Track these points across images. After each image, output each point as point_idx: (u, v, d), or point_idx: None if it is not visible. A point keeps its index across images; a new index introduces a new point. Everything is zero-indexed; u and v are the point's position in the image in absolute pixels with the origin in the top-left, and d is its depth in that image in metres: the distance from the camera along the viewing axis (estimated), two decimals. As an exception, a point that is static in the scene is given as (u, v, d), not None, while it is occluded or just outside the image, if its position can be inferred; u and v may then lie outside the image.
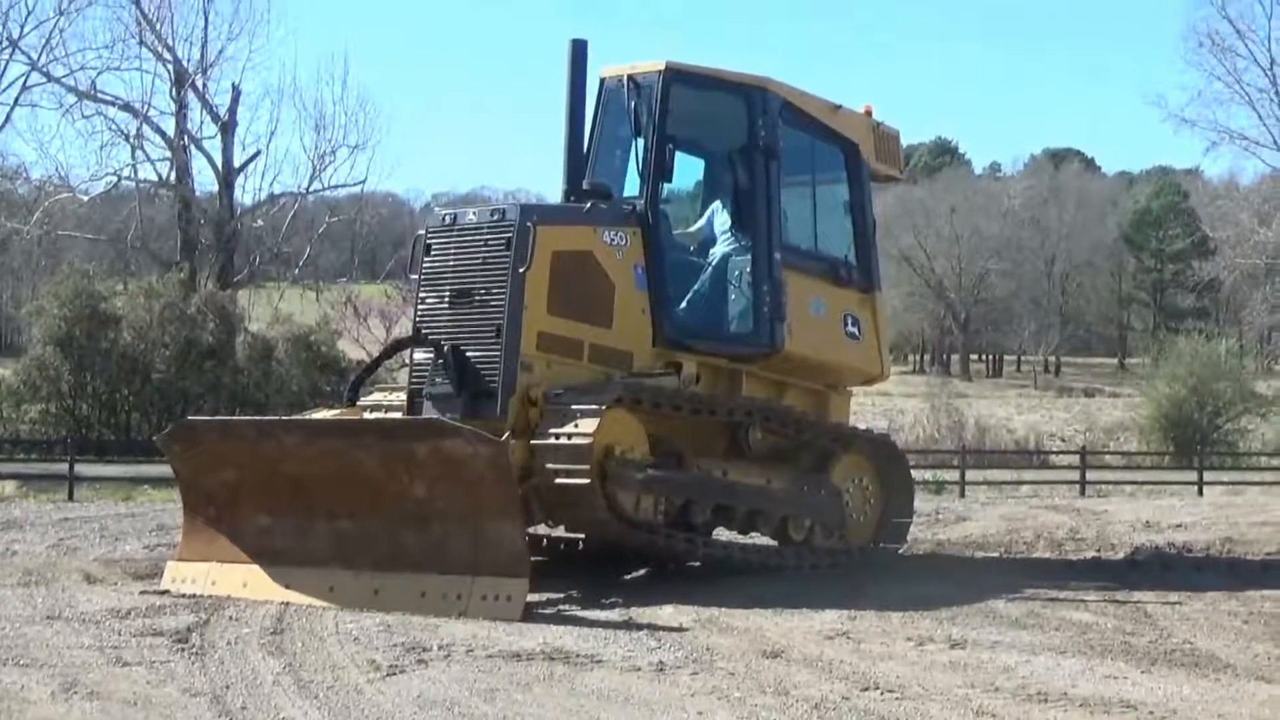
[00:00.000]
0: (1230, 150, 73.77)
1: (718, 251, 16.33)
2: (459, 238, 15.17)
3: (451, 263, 15.14)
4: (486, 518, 13.17)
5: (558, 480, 14.07)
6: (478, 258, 14.97)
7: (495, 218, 15.02)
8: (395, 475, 13.64)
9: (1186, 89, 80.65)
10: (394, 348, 16.62)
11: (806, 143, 17.02)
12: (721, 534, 16.17)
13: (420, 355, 15.16)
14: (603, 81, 16.49)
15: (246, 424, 16.78)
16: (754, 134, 16.26)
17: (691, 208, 17.41)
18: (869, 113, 17.66)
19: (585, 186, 15.79)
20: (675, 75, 16.06)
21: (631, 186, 16.25)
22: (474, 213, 15.36)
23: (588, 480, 14.04)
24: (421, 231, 15.77)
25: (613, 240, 15.45)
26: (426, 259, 15.33)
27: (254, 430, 15.23)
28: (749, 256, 16.15)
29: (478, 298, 14.87)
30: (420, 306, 15.38)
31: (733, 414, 15.85)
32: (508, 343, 14.61)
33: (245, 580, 14.09)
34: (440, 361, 14.78)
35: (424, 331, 15.07)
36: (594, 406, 14.23)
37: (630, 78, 16.18)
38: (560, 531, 16.40)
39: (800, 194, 17.18)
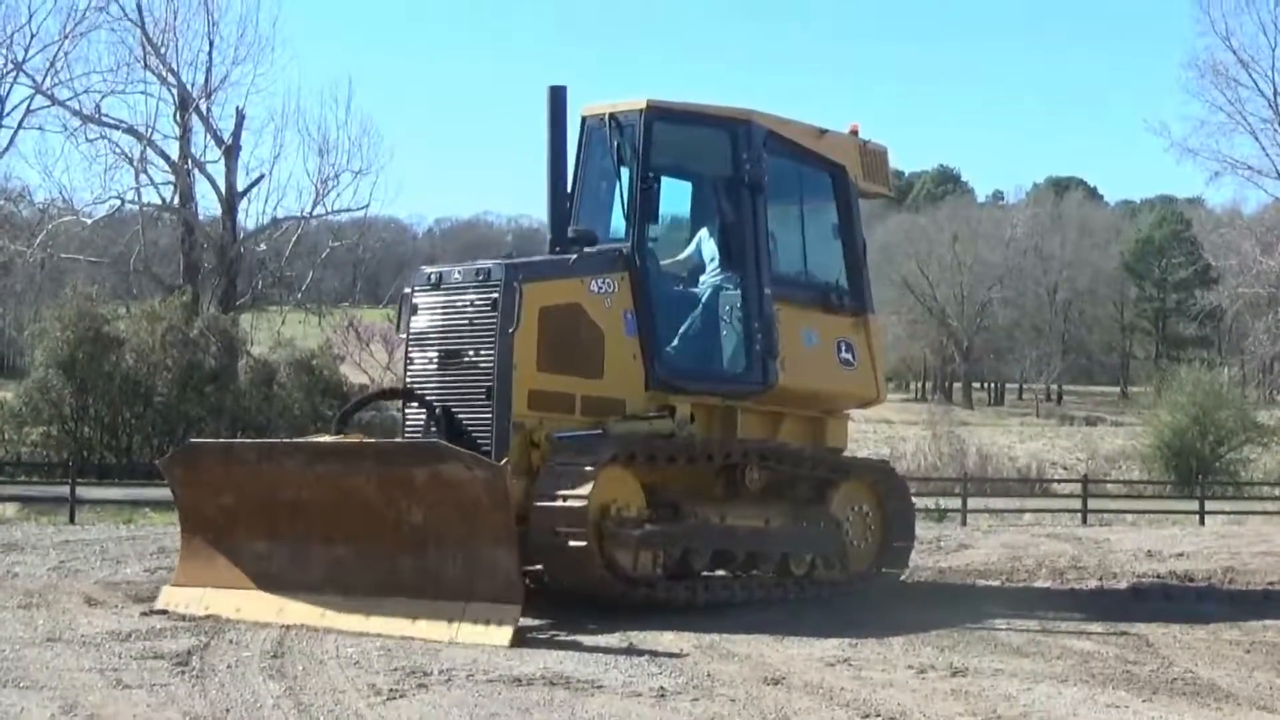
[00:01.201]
0: (1233, 180, 74.03)
1: (707, 286, 16.21)
2: (445, 298, 15.09)
3: (439, 323, 15.09)
4: (481, 543, 13.16)
5: (555, 542, 14.04)
6: (465, 318, 14.90)
7: (481, 277, 14.90)
8: (392, 500, 13.65)
9: (1189, 119, 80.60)
10: (387, 394, 16.61)
11: (793, 171, 16.89)
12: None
13: (413, 412, 15.16)
14: (584, 120, 16.37)
15: (248, 447, 16.78)
16: (739, 168, 16.12)
17: (680, 233, 17.32)
18: (855, 132, 17.53)
19: (570, 233, 15.63)
20: (657, 114, 15.93)
21: (618, 222, 16.19)
22: (459, 271, 15.22)
23: (585, 543, 14.03)
24: (408, 290, 15.64)
25: (601, 289, 15.32)
26: (414, 318, 15.31)
27: (255, 453, 15.24)
28: (739, 293, 16.04)
29: (467, 359, 14.82)
30: (410, 366, 15.37)
31: (729, 458, 15.80)
32: (499, 404, 14.55)
33: (239, 606, 14.10)
34: (433, 424, 14.76)
35: (416, 390, 15.07)
36: (589, 468, 14.18)
37: (612, 116, 16.05)
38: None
39: (789, 222, 17.08)
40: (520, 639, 12.75)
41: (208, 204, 55.38)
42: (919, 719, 10.15)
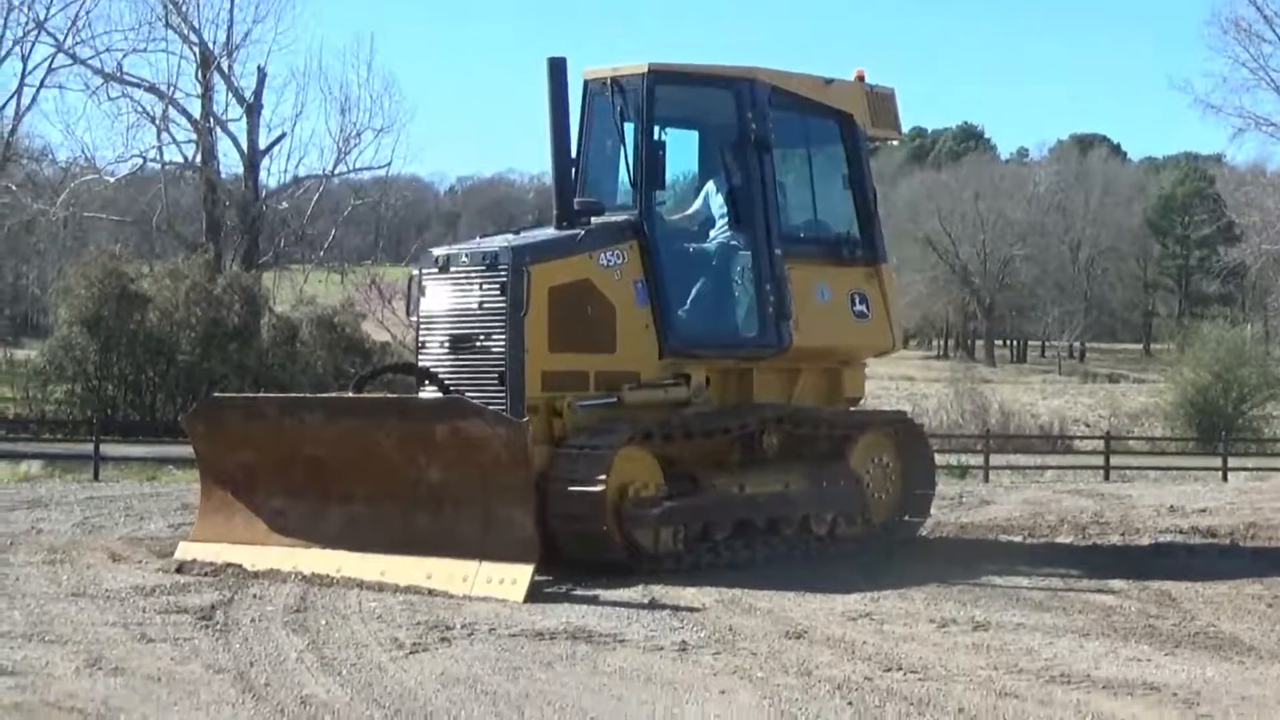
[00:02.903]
0: (1256, 136, 73.35)
1: (717, 248, 16.10)
2: (453, 281, 15.05)
3: (448, 307, 15.06)
4: (498, 501, 13.21)
5: (574, 527, 14.07)
6: (473, 302, 14.87)
7: (488, 261, 14.81)
8: (412, 457, 13.70)
9: (1212, 75, 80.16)
10: (403, 369, 16.55)
11: (800, 124, 16.74)
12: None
13: (428, 392, 15.13)
14: (587, 85, 16.25)
15: (269, 402, 16.82)
16: (745, 127, 15.96)
17: (688, 186, 17.23)
18: (861, 78, 17.27)
19: (576, 205, 15.51)
20: (659, 77, 15.76)
21: (624, 185, 16.06)
22: (467, 255, 15.12)
23: (605, 527, 14.08)
24: (416, 272, 15.62)
25: (610, 261, 15.19)
26: (423, 300, 15.29)
27: (277, 408, 15.28)
28: (750, 255, 15.91)
29: (478, 344, 14.77)
30: (421, 350, 15.36)
31: (745, 427, 15.78)
32: (512, 388, 14.49)
33: (254, 561, 14.17)
34: None
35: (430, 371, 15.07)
36: (606, 451, 14.17)
37: (614, 81, 15.92)
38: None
39: (798, 177, 16.99)
40: (534, 595, 12.79)
41: (230, 162, 55.32)
42: (941, 672, 10.17)
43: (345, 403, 14.98)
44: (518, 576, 12.84)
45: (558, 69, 15.28)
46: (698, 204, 16.45)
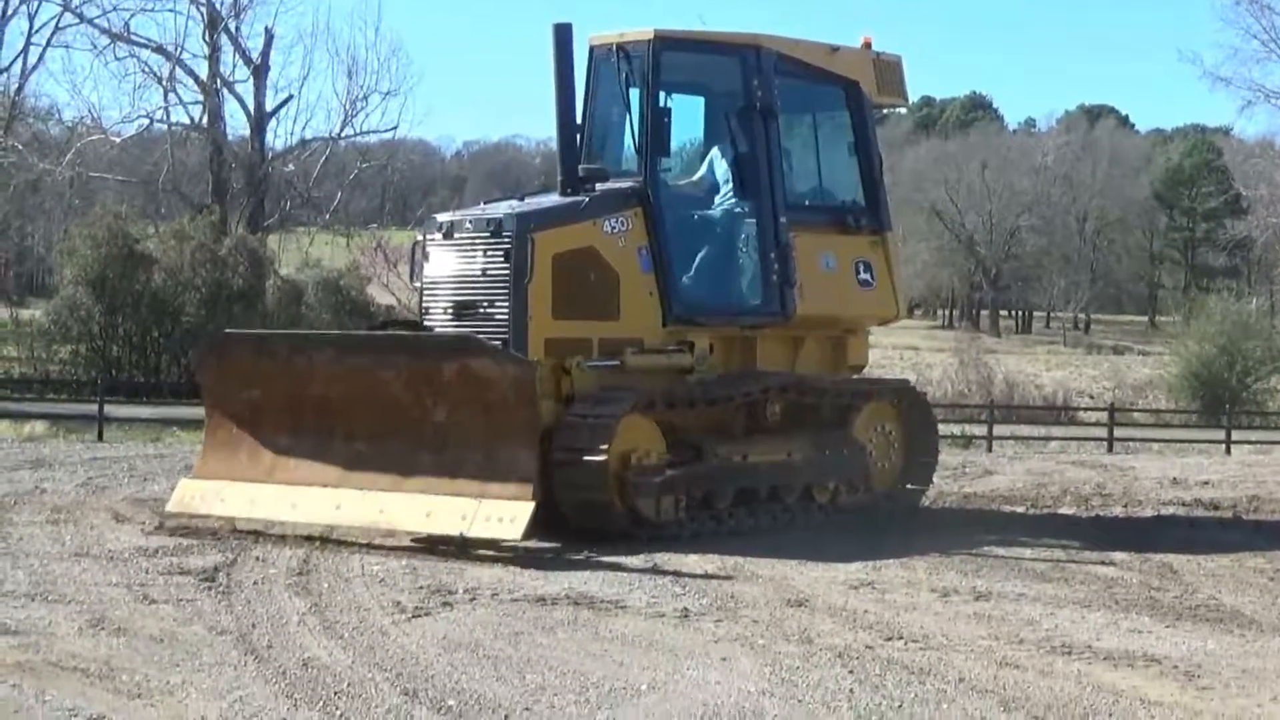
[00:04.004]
0: (1266, 109, 73.26)
1: (722, 215, 16.08)
2: (457, 247, 15.04)
3: (452, 273, 15.06)
4: (503, 442, 13.24)
5: (576, 496, 14.11)
6: (477, 269, 14.86)
7: (492, 228, 14.79)
8: (419, 396, 13.75)
9: (1222, 46, 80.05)
10: (407, 325, 16.56)
11: (806, 91, 16.75)
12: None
13: None
14: (592, 50, 16.23)
15: (280, 339, 16.91)
16: (750, 94, 15.95)
17: (693, 153, 17.20)
18: (868, 45, 17.26)
19: (581, 172, 15.46)
20: (665, 43, 15.71)
21: (629, 151, 16.02)
22: (470, 221, 15.11)
23: (606, 496, 14.11)
24: (420, 238, 15.62)
25: (614, 228, 15.18)
26: (427, 266, 15.29)
27: (287, 345, 15.32)
28: (755, 223, 15.92)
29: (481, 310, 14.77)
30: (425, 315, 15.35)
31: (749, 395, 15.76)
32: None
33: (254, 498, 14.26)
34: None
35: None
36: (608, 420, 14.16)
37: (620, 47, 15.87)
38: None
39: (804, 145, 17.01)
40: (533, 533, 12.88)
41: (236, 124, 55.24)
42: (942, 642, 10.19)
43: (355, 340, 15.04)
44: (517, 514, 12.87)
45: (563, 35, 15.23)
46: (703, 171, 16.45)
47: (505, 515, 12.94)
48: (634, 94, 15.86)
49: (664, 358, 15.42)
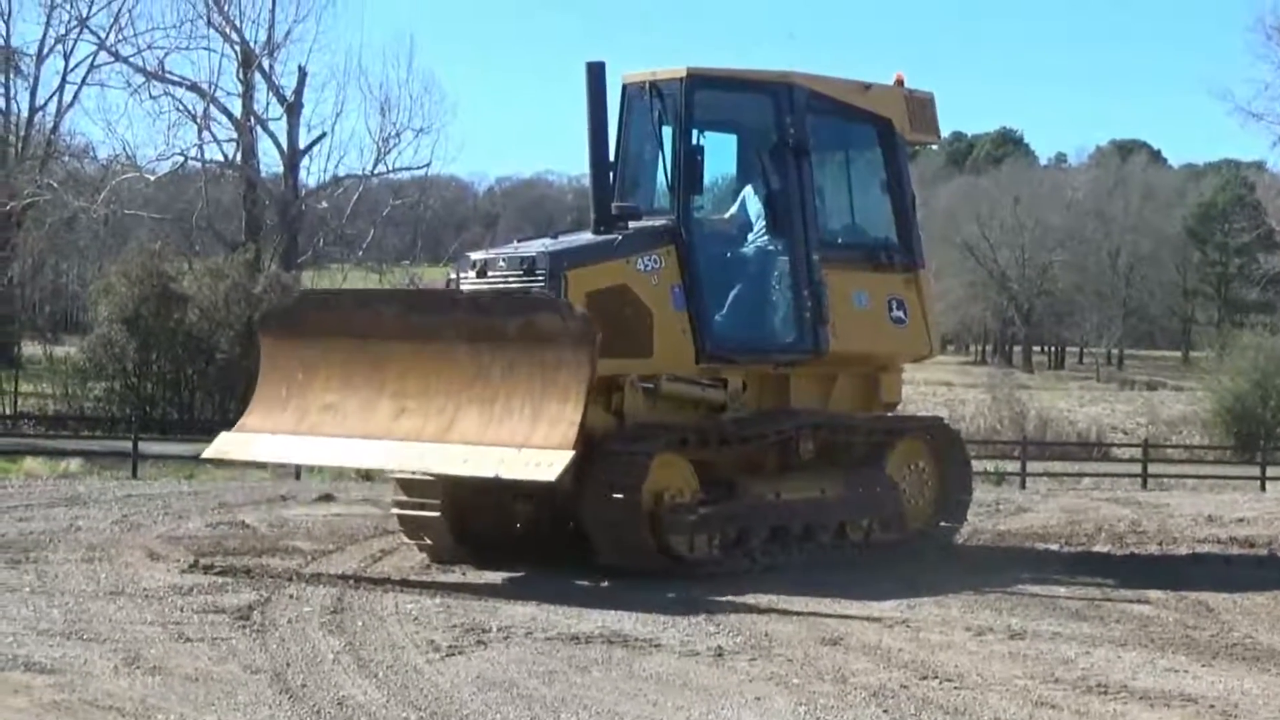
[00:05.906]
0: (1298, 144, 73.09)
1: (755, 252, 16.08)
2: (490, 286, 15.02)
3: None
4: (552, 397, 13.29)
5: (610, 534, 14.17)
6: None
7: (525, 266, 14.80)
8: (477, 353, 13.79)
9: (1254, 82, 79.83)
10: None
11: (838, 129, 16.78)
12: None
13: None
14: (625, 88, 16.27)
15: (347, 295, 17.05)
16: (783, 132, 15.98)
17: (726, 190, 17.23)
18: (900, 82, 17.27)
19: (614, 210, 15.49)
20: (698, 81, 15.77)
21: (662, 189, 16.07)
22: (504, 259, 15.12)
23: (640, 534, 14.13)
24: (453, 275, 15.69)
25: (647, 266, 15.17)
26: None
27: (353, 300, 15.57)
28: (787, 260, 15.93)
29: None
30: None
31: (782, 432, 15.75)
32: None
33: (288, 448, 14.46)
34: None
35: None
36: (641, 457, 14.17)
37: (653, 85, 15.92)
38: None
39: (836, 182, 17.01)
40: (566, 479, 13.03)
41: (270, 161, 55.68)
42: (976, 681, 10.16)
43: (419, 295, 15.03)
44: (554, 460, 12.93)
45: (596, 73, 15.26)
46: (735, 208, 16.46)
47: (543, 460, 12.99)
48: (667, 132, 15.90)
49: (698, 389, 15.40)
